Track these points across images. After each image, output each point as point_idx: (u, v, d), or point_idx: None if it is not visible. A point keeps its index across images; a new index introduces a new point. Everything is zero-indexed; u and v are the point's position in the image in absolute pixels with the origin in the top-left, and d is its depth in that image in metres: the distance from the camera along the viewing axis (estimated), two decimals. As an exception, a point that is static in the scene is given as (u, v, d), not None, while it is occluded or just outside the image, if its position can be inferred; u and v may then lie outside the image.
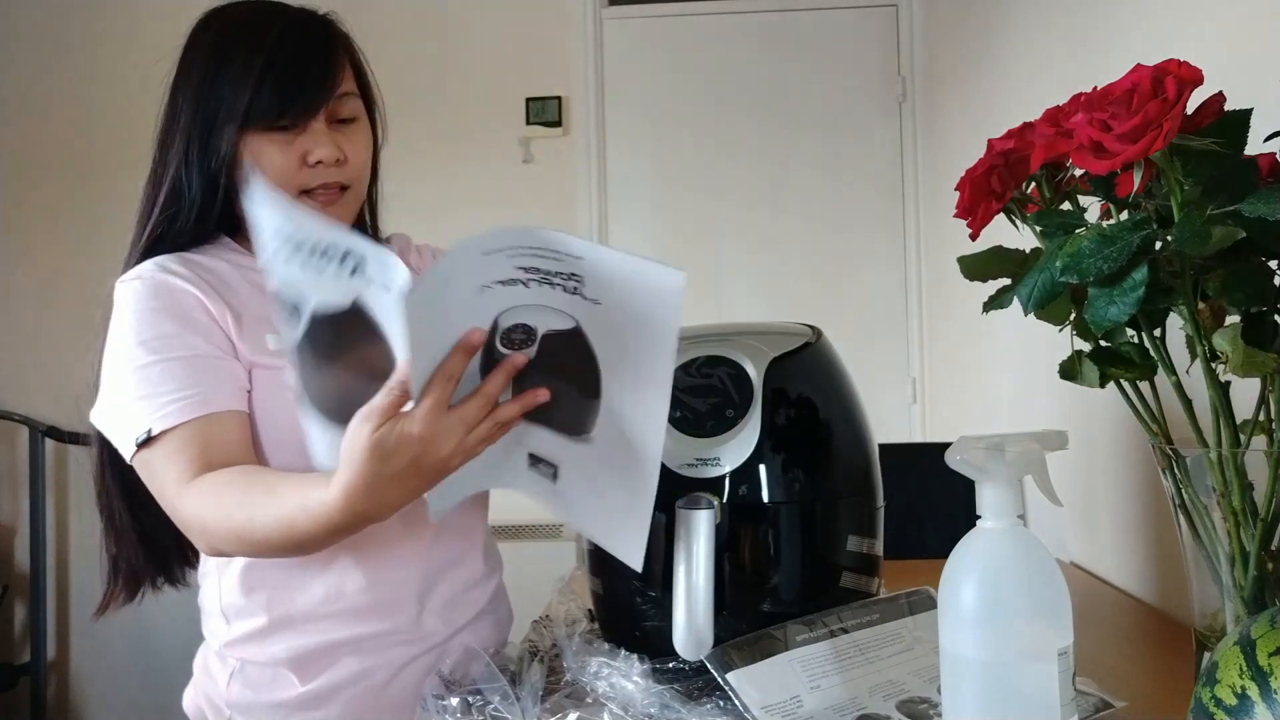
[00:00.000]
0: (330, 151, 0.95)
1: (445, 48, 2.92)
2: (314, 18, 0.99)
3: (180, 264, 0.96)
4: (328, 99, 0.95)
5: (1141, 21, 1.28)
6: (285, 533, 0.82)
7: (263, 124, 0.93)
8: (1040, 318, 0.78)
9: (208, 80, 0.93)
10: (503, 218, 3.11)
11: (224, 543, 0.87)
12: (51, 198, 2.99)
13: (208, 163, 0.94)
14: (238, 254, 1.01)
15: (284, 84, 0.92)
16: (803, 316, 1.08)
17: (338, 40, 0.99)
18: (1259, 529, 0.71)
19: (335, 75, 0.96)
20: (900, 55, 2.88)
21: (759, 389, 0.90)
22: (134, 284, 0.94)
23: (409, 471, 0.73)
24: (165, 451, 0.88)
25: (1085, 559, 1.48)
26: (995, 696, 0.62)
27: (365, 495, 0.75)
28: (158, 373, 0.90)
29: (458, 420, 0.72)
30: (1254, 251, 0.69)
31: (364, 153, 1.00)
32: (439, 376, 0.70)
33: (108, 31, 2.97)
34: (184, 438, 0.88)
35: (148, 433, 0.88)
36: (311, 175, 0.96)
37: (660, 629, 0.83)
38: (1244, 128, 0.70)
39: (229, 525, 0.85)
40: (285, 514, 0.81)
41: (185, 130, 0.95)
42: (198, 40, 0.97)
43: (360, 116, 1.00)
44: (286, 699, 0.96)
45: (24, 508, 2.88)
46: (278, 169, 0.94)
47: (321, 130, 0.95)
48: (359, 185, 1.01)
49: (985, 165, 0.80)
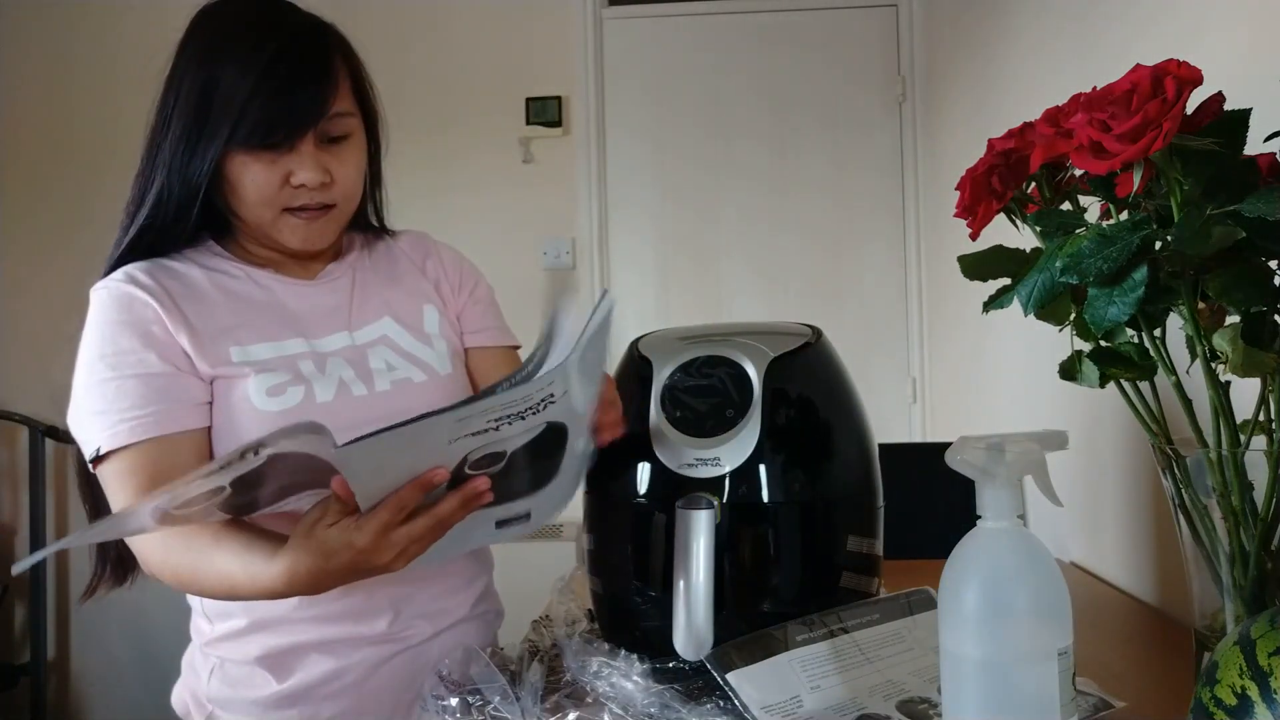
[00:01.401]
0: (314, 175, 0.93)
1: (445, 48, 2.92)
2: (314, 30, 0.96)
3: (148, 274, 0.95)
4: (317, 120, 0.92)
5: (1141, 21, 1.28)
6: (226, 588, 0.85)
7: (250, 143, 0.90)
8: (1040, 318, 0.78)
9: (199, 89, 0.91)
10: (503, 217, 3.12)
11: (163, 576, 0.89)
12: (55, 200, 2.99)
13: (191, 174, 0.92)
14: (218, 257, 1.01)
15: (274, 105, 0.89)
16: (803, 316, 1.08)
17: (336, 56, 0.95)
18: (1259, 529, 0.71)
19: (328, 96, 0.93)
20: (900, 55, 2.88)
21: (759, 389, 0.90)
22: (101, 293, 0.94)
23: (348, 570, 0.77)
24: (115, 471, 0.89)
25: (1086, 559, 1.48)
26: (995, 696, 0.62)
27: (306, 580, 0.79)
28: (113, 389, 0.90)
29: (403, 535, 0.75)
30: (1254, 251, 0.69)
31: (353, 172, 0.98)
32: (393, 502, 0.73)
33: (97, 31, 2.97)
34: (133, 461, 0.89)
35: (97, 450, 0.89)
36: (294, 195, 0.94)
37: (660, 629, 0.83)
38: (1244, 128, 0.70)
39: (170, 566, 0.87)
40: (227, 571, 0.84)
41: (173, 137, 0.93)
42: (193, 41, 0.94)
43: (354, 133, 0.97)
44: (262, 697, 0.97)
45: (24, 508, 2.88)
46: (260, 187, 0.93)
47: (309, 152, 0.93)
48: (346, 204, 1.00)
49: (985, 165, 0.80)
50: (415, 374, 1.02)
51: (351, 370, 0.98)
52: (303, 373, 0.96)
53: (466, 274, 1.14)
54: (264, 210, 0.95)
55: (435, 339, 1.06)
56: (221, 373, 0.94)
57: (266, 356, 0.96)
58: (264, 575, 0.80)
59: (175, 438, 0.90)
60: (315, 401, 0.95)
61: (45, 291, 2.96)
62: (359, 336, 1.02)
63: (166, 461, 0.89)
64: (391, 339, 1.04)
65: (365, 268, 1.08)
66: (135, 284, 0.94)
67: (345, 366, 0.99)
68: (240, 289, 0.99)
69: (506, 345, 1.14)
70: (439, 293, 1.11)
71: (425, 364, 1.03)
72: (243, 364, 0.94)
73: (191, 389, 0.93)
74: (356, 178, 1.00)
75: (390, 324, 1.05)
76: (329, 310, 1.02)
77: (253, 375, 0.94)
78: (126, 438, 0.88)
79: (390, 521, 0.73)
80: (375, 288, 1.07)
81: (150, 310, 0.93)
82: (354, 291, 1.05)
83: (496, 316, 1.15)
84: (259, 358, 0.95)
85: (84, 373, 0.92)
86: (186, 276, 0.97)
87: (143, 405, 0.89)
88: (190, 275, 0.98)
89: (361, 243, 1.10)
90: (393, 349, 1.03)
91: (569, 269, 2.93)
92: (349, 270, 1.06)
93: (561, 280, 0.85)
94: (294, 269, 1.03)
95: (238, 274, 1.00)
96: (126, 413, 0.89)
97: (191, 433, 0.92)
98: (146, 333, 0.92)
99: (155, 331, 0.92)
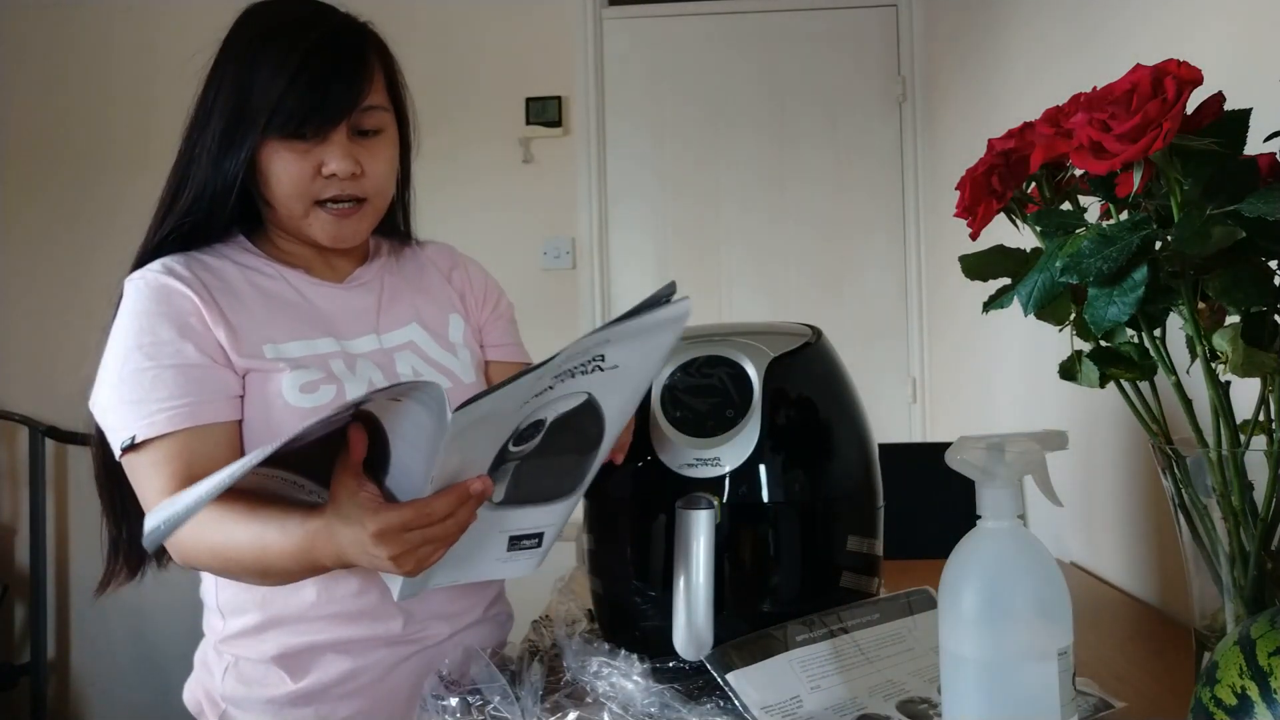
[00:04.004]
0: (345, 165, 0.94)
1: (445, 48, 2.92)
2: (352, 27, 0.98)
3: (185, 266, 0.96)
4: (350, 111, 0.94)
5: (1141, 21, 1.28)
6: (258, 552, 0.83)
7: (284, 132, 0.92)
8: (1040, 318, 0.78)
9: (238, 82, 0.93)
10: (503, 217, 3.12)
11: (197, 557, 0.89)
12: (54, 199, 2.99)
13: (229, 165, 0.93)
14: (249, 254, 1.02)
15: (309, 94, 0.92)
16: (803, 316, 1.08)
17: (372, 52, 0.98)
18: (1259, 529, 0.71)
19: (362, 88, 0.95)
20: (900, 55, 2.88)
21: (759, 389, 0.90)
22: (138, 283, 0.95)
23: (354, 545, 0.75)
24: (149, 460, 0.89)
25: (1085, 559, 1.48)
26: (995, 696, 0.62)
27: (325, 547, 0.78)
28: (150, 379, 0.90)
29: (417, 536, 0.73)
30: (1254, 251, 0.69)
31: (384, 166, 1.00)
32: (420, 511, 0.72)
33: (95, 32, 2.96)
34: (169, 450, 0.89)
35: (132, 439, 0.89)
36: (325, 186, 0.96)
37: (660, 629, 0.83)
38: (1244, 128, 0.70)
39: (206, 541, 0.86)
40: (260, 534, 0.82)
41: (213, 129, 0.94)
42: (236, 37, 0.97)
43: (386, 129, 0.99)
44: (277, 695, 0.97)
45: (24, 508, 2.88)
46: (292, 177, 0.94)
47: (341, 142, 0.95)
48: (378, 199, 1.01)
49: (985, 165, 0.80)
50: (441, 381, 1.02)
51: (380, 373, 1.00)
52: (334, 371, 0.97)
53: (491, 289, 1.18)
54: (295, 203, 0.96)
55: (460, 348, 1.08)
56: (255, 366, 0.94)
57: (299, 354, 0.97)
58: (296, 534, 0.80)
59: (210, 428, 0.91)
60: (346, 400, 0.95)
61: (45, 291, 2.96)
62: (386, 340, 1.04)
63: (201, 451, 0.89)
64: (418, 345, 1.05)
65: (393, 273, 1.10)
66: (173, 275, 0.95)
67: (374, 369, 1.00)
68: (272, 287, 1.00)
69: (525, 362, 1.17)
70: (464, 304, 1.13)
71: (450, 371, 1.05)
72: (277, 359, 0.95)
73: (226, 381, 0.93)
74: (387, 173, 1.01)
75: (417, 330, 1.06)
76: (357, 313, 1.04)
77: (288, 371, 0.94)
78: (165, 427, 0.89)
79: (407, 523, 0.72)
80: (403, 294, 1.08)
81: (189, 302, 0.94)
82: (382, 296, 1.07)
83: (516, 335, 1.18)
84: (292, 355, 0.96)
85: (119, 362, 0.92)
86: (221, 271, 0.98)
87: (180, 395, 0.90)
88: (224, 270, 0.99)
89: (389, 249, 1.12)
90: (419, 355, 1.04)
91: (569, 269, 2.93)
92: (377, 275, 1.08)
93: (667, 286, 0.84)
94: (323, 270, 1.05)
95: (270, 272, 1.01)
96: (164, 402, 0.89)
97: (225, 424, 0.92)
98: (184, 324, 0.93)
99: (192, 323, 0.93)
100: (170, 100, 1.09)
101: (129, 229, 1.04)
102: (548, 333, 1.41)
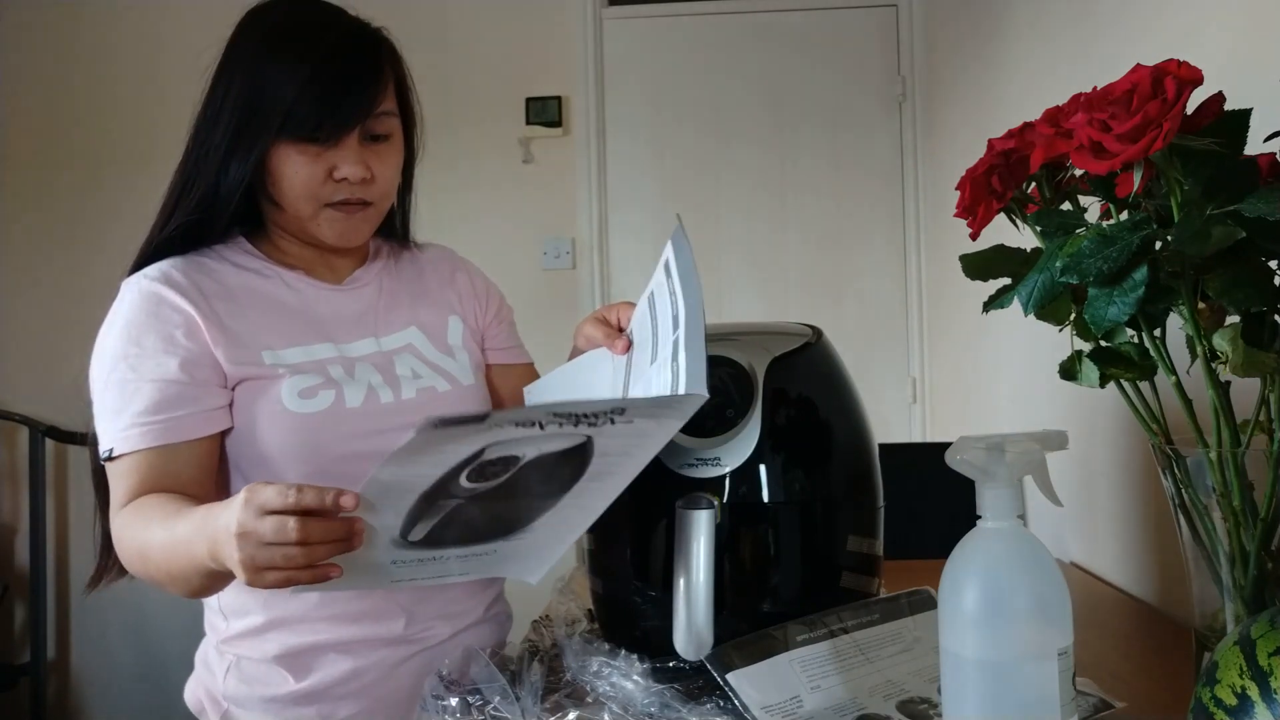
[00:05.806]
0: (357, 170, 0.95)
1: (445, 48, 2.92)
2: (365, 32, 0.98)
3: (183, 273, 0.96)
4: (364, 118, 0.95)
5: (1141, 21, 1.28)
6: (168, 559, 0.82)
7: (297, 135, 0.92)
8: (1040, 318, 0.78)
9: (250, 83, 0.92)
10: (502, 218, 3.12)
11: (131, 564, 0.89)
12: (55, 200, 2.99)
13: (238, 166, 0.93)
14: (249, 256, 1.02)
15: (324, 98, 0.92)
16: (803, 316, 1.08)
17: (385, 57, 0.98)
18: (1259, 529, 0.71)
19: (376, 95, 0.95)
20: (900, 55, 2.88)
21: (759, 389, 0.90)
22: (133, 289, 0.95)
23: (224, 531, 0.71)
24: (119, 471, 0.91)
25: (1085, 559, 1.48)
26: (995, 696, 0.62)
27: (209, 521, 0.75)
28: (130, 390, 0.91)
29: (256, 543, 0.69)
30: (1254, 251, 0.69)
31: (392, 171, 1.01)
32: (282, 491, 0.68)
33: (97, 32, 2.96)
34: (135, 464, 0.90)
35: (109, 451, 0.90)
36: (335, 189, 0.96)
37: (660, 629, 0.83)
38: (1244, 128, 0.70)
39: (135, 544, 0.87)
40: (171, 539, 0.81)
41: (222, 130, 0.94)
42: (245, 37, 0.96)
43: (394, 134, 1.00)
44: (279, 695, 0.98)
45: (24, 508, 2.87)
46: (304, 180, 0.94)
47: (353, 147, 0.95)
48: (383, 203, 1.02)
49: (985, 165, 0.80)
50: (440, 383, 1.04)
51: (379, 376, 1.00)
52: (333, 376, 0.97)
53: (492, 294, 1.19)
54: (305, 204, 0.96)
55: (458, 350, 1.09)
56: (251, 374, 0.95)
57: (298, 360, 0.97)
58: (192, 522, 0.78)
59: (179, 446, 0.91)
60: (345, 406, 0.96)
61: (46, 292, 2.96)
62: (385, 343, 1.04)
63: (166, 470, 0.90)
64: (417, 348, 1.06)
65: (392, 275, 1.10)
66: (169, 283, 0.95)
67: (373, 372, 1.00)
68: (271, 291, 1.00)
69: (526, 363, 1.19)
70: (464, 307, 1.13)
71: (449, 374, 1.06)
72: (275, 366, 0.95)
73: (205, 397, 0.93)
74: (394, 178, 1.02)
75: (416, 333, 1.07)
76: (356, 315, 1.04)
77: (287, 377, 0.95)
78: (136, 443, 0.90)
79: (266, 504, 0.68)
80: (402, 296, 1.09)
81: (179, 314, 0.93)
82: (381, 298, 1.07)
83: (517, 337, 1.19)
84: (291, 361, 0.97)
85: (106, 367, 0.93)
86: (220, 275, 0.99)
87: (155, 412, 0.90)
88: (224, 274, 0.99)
89: (388, 251, 1.13)
90: (418, 357, 1.05)
91: (569, 269, 2.93)
92: (376, 277, 1.08)
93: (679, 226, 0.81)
94: (323, 272, 1.05)
95: (269, 274, 1.01)
96: (139, 417, 0.90)
97: (197, 441, 0.92)
98: (170, 336, 0.93)
99: (179, 336, 0.93)
100: (173, 101, 1.09)
101: (130, 229, 1.04)
102: (548, 333, 1.42)
